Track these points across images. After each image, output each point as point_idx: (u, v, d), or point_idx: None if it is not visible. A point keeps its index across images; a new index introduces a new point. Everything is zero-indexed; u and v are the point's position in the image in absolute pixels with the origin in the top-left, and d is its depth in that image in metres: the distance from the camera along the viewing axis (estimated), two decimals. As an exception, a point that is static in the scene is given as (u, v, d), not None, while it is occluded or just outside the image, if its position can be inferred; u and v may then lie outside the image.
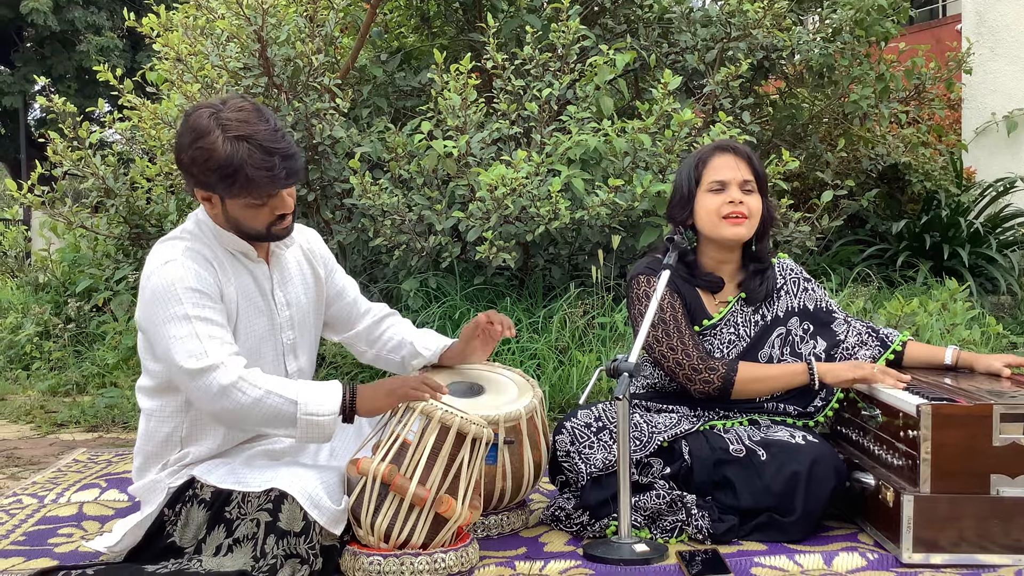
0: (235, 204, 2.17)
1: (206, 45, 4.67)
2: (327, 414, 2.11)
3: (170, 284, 2.11)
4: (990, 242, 5.80)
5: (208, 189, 2.17)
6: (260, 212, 2.19)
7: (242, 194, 2.14)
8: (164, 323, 2.10)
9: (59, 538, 2.56)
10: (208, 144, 2.10)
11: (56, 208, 5.35)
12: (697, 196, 2.58)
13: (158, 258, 2.18)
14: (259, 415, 2.09)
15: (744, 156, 2.58)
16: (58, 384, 5.11)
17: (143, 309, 2.17)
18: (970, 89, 7.02)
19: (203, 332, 2.09)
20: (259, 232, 2.22)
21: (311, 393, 2.12)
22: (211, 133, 2.10)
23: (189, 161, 2.15)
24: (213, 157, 2.10)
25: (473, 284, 4.61)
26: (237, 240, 2.25)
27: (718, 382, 2.49)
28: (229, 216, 2.20)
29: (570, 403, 3.97)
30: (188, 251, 2.18)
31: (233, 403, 2.07)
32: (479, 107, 4.37)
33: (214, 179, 2.13)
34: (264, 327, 2.29)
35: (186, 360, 2.07)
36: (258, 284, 2.29)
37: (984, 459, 2.17)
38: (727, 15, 4.94)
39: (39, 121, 19.01)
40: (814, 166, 5.59)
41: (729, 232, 2.54)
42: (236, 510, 2.08)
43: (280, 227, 2.23)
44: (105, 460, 3.53)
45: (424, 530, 2.12)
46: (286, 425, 2.11)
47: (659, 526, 2.41)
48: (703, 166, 2.59)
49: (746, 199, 2.54)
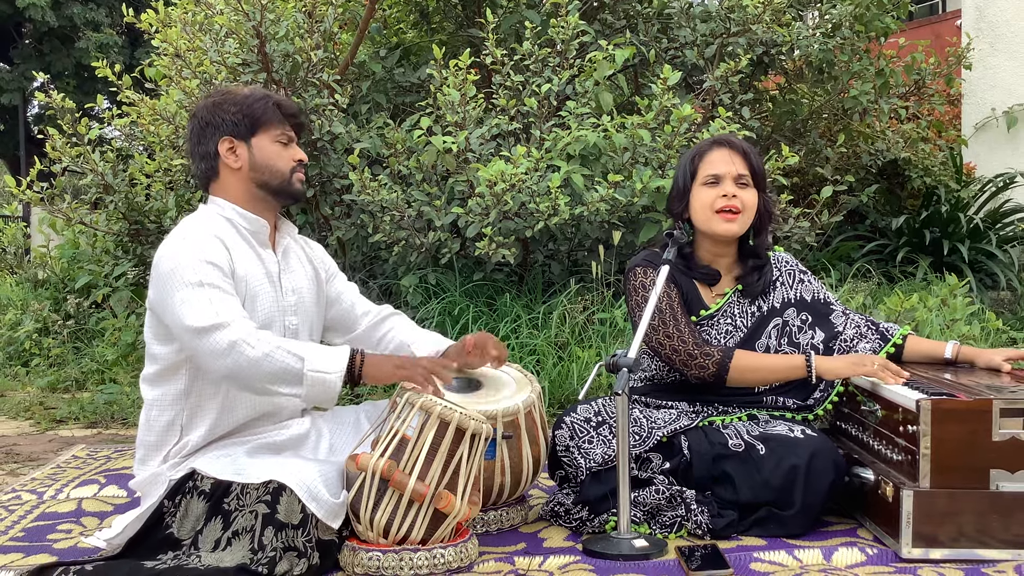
0: (263, 142, 2.33)
1: (205, 41, 4.66)
2: (334, 371, 2.13)
3: (184, 256, 2.19)
4: (990, 237, 5.80)
5: (234, 132, 2.32)
6: (284, 153, 2.36)
7: (269, 125, 2.33)
8: (176, 290, 2.17)
9: (58, 534, 2.56)
10: (231, 89, 2.36)
11: (55, 204, 5.34)
12: (692, 189, 2.60)
13: (173, 237, 2.27)
14: (266, 370, 2.11)
15: (740, 151, 2.59)
16: (57, 380, 5.11)
17: (155, 282, 2.24)
18: (970, 84, 7.01)
19: (215, 297, 2.16)
20: (283, 176, 2.36)
21: (319, 351, 2.16)
22: (231, 88, 2.37)
23: (210, 111, 2.34)
24: (238, 94, 2.34)
25: (472, 280, 4.61)
26: (252, 217, 2.34)
27: (713, 368, 2.49)
28: (256, 160, 2.33)
29: (570, 399, 3.97)
30: (202, 230, 2.27)
31: (241, 358, 2.10)
32: (478, 103, 4.36)
33: (241, 113, 2.31)
34: (271, 309, 2.34)
35: (196, 319, 2.12)
36: (266, 268, 2.36)
37: (984, 454, 2.17)
38: (726, 10, 4.93)
39: (38, 117, 19.00)
40: (814, 162, 5.59)
41: (720, 228, 2.55)
42: (235, 501, 2.08)
43: (299, 176, 2.39)
44: (104, 456, 3.52)
45: (423, 526, 2.11)
46: (292, 382, 2.13)
47: (658, 521, 2.41)
48: (699, 160, 2.61)
49: (740, 193, 2.55)
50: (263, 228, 2.37)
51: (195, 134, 2.36)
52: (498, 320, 4.39)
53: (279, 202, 2.41)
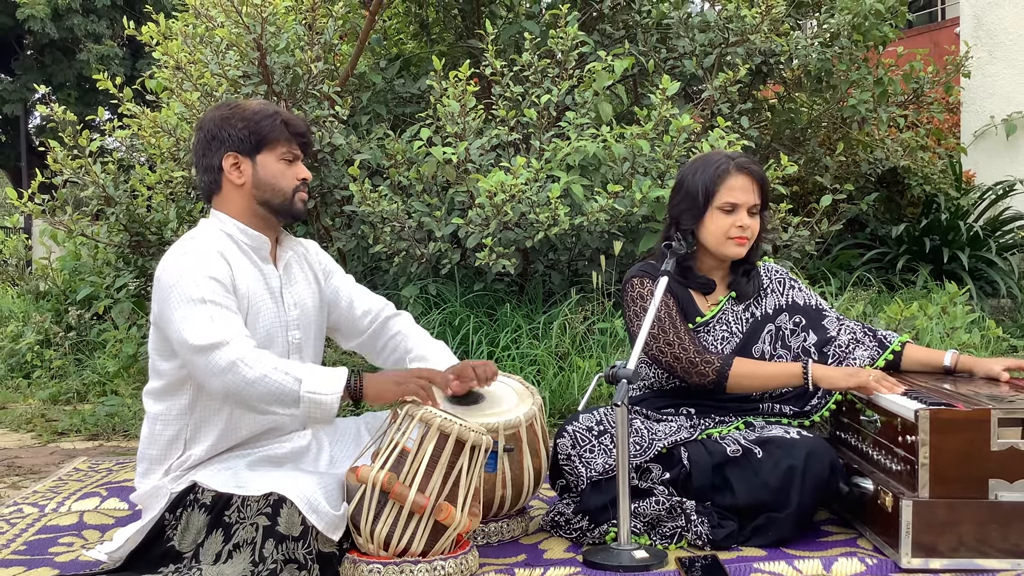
0: (267, 160, 2.32)
1: (205, 53, 4.68)
2: (330, 393, 2.13)
3: (186, 271, 2.19)
4: (990, 245, 5.80)
5: (239, 148, 2.31)
6: (288, 171, 2.35)
7: (275, 144, 2.31)
8: (178, 306, 2.17)
9: (60, 547, 2.56)
10: (239, 103, 2.34)
11: (56, 216, 5.34)
12: (708, 211, 2.61)
13: (174, 252, 2.27)
14: (263, 390, 2.11)
15: (759, 179, 2.64)
16: (59, 392, 5.11)
17: (157, 298, 2.24)
18: (969, 93, 7.02)
19: (216, 314, 2.16)
20: (286, 195, 2.34)
21: (316, 372, 2.16)
22: (240, 102, 2.34)
23: (217, 124, 2.32)
24: (246, 108, 2.33)
25: (473, 290, 4.61)
26: (253, 233, 2.34)
27: (713, 375, 2.53)
28: (260, 178, 2.32)
29: (570, 409, 3.98)
30: (203, 246, 2.27)
31: (239, 378, 2.10)
32: (478, 113, 4.38)
33: (248, 129, 2.30)
34: (273, 324, 2.34)
35: (196, 337, 2.12)
36: (267, 283, 2.35)
37: (983, 464, 2.17)
38: (725, 20, 4.95)
39: (39, 129, 19.03)
40: (813, 170, 5.60)
41: (732, 252, 2.63)
42: (235, 514, 2.09)
43: (301, 196, 2.38)
44: (106, 469, 3.53)
45: (423, 538, 2.12)
46: (289, 404, 2.13)
47: (659, 532, 2.42)
48: (720, 182, 2.60)
49: (751, 223, 2.61)
50: (264, 244, 2.37)
51: (201, 146, 2.35)
52: (499, 330, 4.40)
53: (280, 220, 2.40)
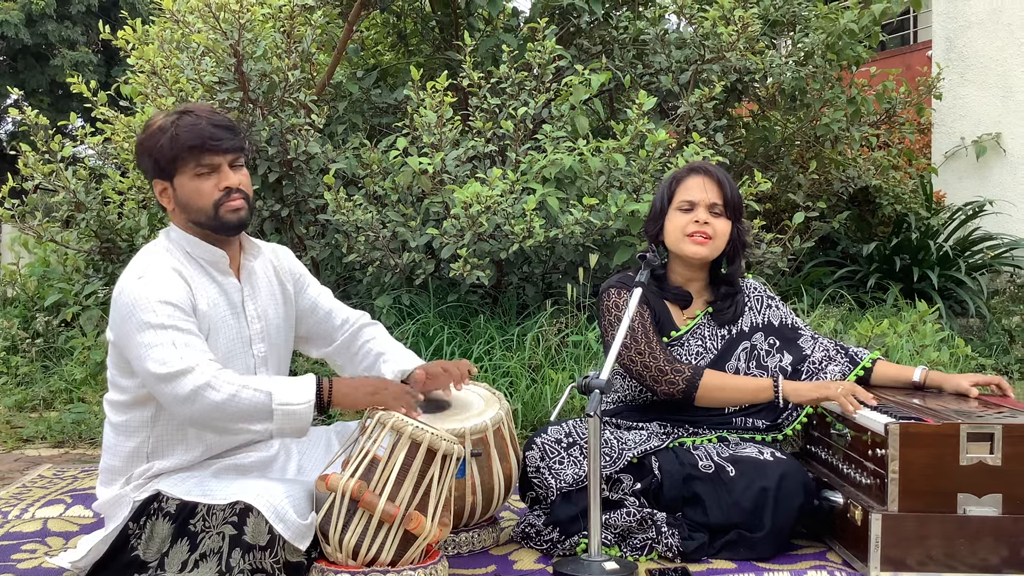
0: (182, 180, 2.22)
1: (181, 59, 4.66)
2: (301, 402, 2.10)
3: (143, 297, 2.12)
4: (959, 265, 5.87)
5: (158, 174, 2.24)
6: (204, 185, 2.21)
7: (181, 163, 2.20)
8: (137, 332, 2.10)
9: (22, 554, 2.52)
10: (151, 123, 2.25)
11: (26, 222, 5.29)
12: (668, 213, 2.66)
13: (131, 273, 2.18)
14: (234, 411, 2.07)
15: (716, 180, 2.64)
16: (25, 399, 5.03)
17: (115, 323, 2.17)
18: (940, 114, 7.12)
19: (178, 340, 2.10)
20: (208, 213, 2.23)
21: (285, 384, 2.13)
22: (156, 117, 2.26)
23: (138, 154, 2.27)
24: (151, 131, 2.22)
25: (447, 301, 4.60)
26: (207, 248, 2.27)
27: (683, 384, 2.53)
28: (181, 201, 2.24)
29: (543, 421, 3.97)
30: (160, 266, 2.19)
31: (207, 403, 2.05)
32: (455, 125, 4.38)
33: (156, 155, 2.21)
34: (235, 340, 2.28)
35: (158, 366, 2.06)
36: (228, 298, 2.29)
37: (951, 478, 2.19)
38: (701, 38, 4.99)
39: (11, 134, 18.83)
40: (786, 188, 5.65)
41: (690, 249, 2.61)
42: (201, 523, 2.06)
43: (228, 206, 2.23)
44: (71, 476, 3.48)
45: (393, 547, 2.10)
46: (262, 419, 2.09)
47: (629, 544, 2.41)
48: (677, 185, 2.67)
49: (712, 221, 2.61)
50: (221, 258, 2.29)
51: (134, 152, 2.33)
52: (472, 342, 4.39)
53: (220, 235, 2.29)
